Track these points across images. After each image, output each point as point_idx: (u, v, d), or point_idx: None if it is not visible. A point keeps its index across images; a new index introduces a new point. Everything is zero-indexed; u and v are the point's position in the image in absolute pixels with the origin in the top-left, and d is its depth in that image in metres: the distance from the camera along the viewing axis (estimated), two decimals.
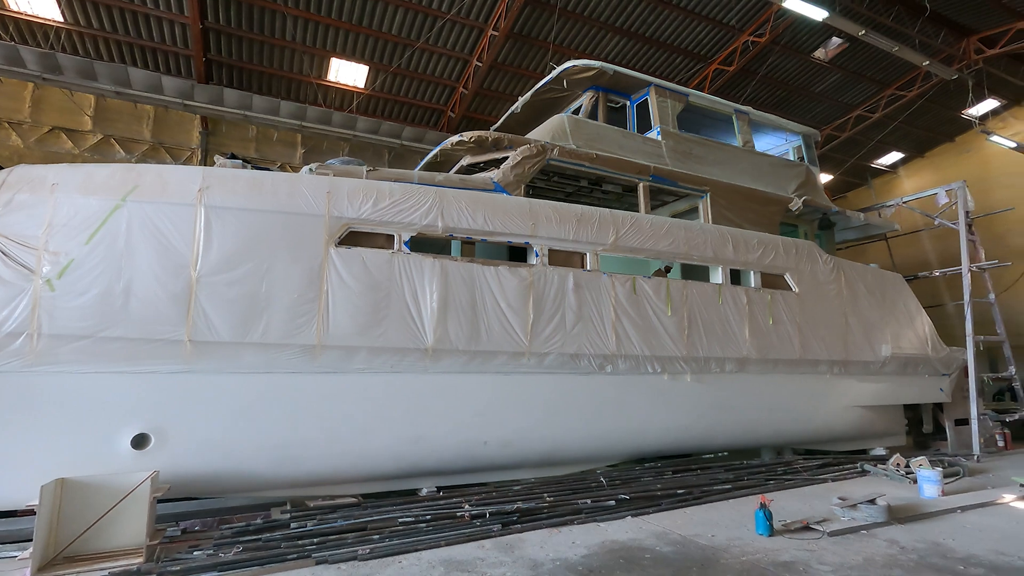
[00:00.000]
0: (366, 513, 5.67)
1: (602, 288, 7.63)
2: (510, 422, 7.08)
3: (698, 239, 8.65)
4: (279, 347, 5.87)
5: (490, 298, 6.87)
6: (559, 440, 7.47)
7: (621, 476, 7.46)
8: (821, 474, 8.70)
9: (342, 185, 6.32)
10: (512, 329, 6.95)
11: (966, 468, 9.12)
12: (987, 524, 6.24)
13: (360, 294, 6.20)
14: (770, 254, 9.34)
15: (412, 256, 6.51)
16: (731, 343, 8.61)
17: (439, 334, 6.52)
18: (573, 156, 8.71)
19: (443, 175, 7.75)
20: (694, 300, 8.37)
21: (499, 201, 7.23)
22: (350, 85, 13.93)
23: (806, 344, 9.37)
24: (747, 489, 7.60)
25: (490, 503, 6.16)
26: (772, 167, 11.20)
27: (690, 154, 10.21)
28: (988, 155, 18.39)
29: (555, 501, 6.41)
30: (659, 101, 10.29)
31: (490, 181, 7.91)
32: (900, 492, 7.77)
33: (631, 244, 7.99)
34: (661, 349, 7.98)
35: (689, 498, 7.06)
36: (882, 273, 10.96)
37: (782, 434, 9.52)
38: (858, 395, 10.15)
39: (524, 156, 8.23)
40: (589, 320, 7.48)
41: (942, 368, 11.39)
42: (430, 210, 6.63)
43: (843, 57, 14.60)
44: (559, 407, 7.39)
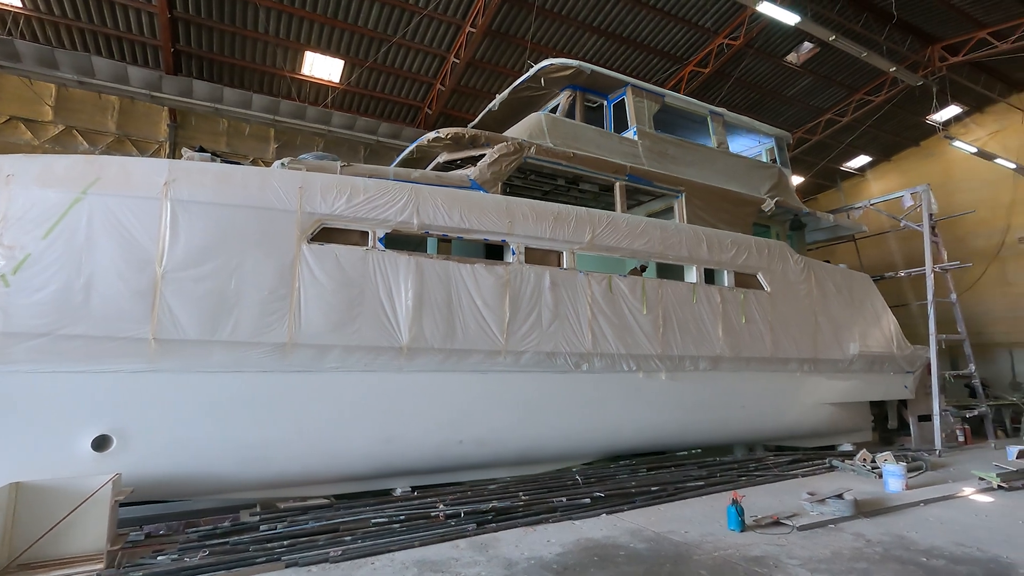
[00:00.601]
0: (338, 514, 5.57)
1: (578, 287, 7.64)
2: (486, 421, 7.04)
3: (673, 239, 8.73)
4: (249, 345, 5.72)
5: (466, 296, 6.82)
6: (535, 438, 7.46)
7: (596, 474, 7.49)
8: (791, 470, 8.87)
9: (315, 180, 6.20)
10: (488, 327, 6.91)
11: (928, 462, 9.40)
12: (948, 517, 6.44)
13: (333, 291, 6.09)
14: (743, 254, 9.48)
15: (387, 253, 6.42)
16: (705, 341, 8.72)
17: (414, 332, 6.45)
18: (550, 155, 8.70)
19: (419, 172, 7.66)
20: (669, 299, 8.45)
21: (475, 199, 7.18)
22: (325, 79, 13.69)
23: (777, 342, 9.55)
24: (720, 485, 7.70)
25: (465, 502, 6.11)
26: (746, 168, 11.37)
27: (666, 154, 10.30)
28: (951, 160, 19.01)
29: (530, 500, 6.40)
30: (636, 101, 10.35)
31: (467, 178, 7.85)
32: (866, 487, 7.97)
33: (607, 243, 8.02)
34: (636, 347, 8.03)
35: (663, 495, 7.13)
36: (850, 273, 11.23)
37: (754, 431, 9.69)
38: (827, 392, 10.39)
39: (501, 154, 8.18)
40: (565, 318, 7.49)
41: (907, 366, 11.73)
42: (405, 207, 6.55)
43: (814, 62, 14.92)
44: (535, 405, 7.38)
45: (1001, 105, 17.65)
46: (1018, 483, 7.92)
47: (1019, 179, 17.28)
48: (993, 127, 18.03)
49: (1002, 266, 17.56)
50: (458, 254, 7.45)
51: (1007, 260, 17.48)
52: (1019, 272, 17.26)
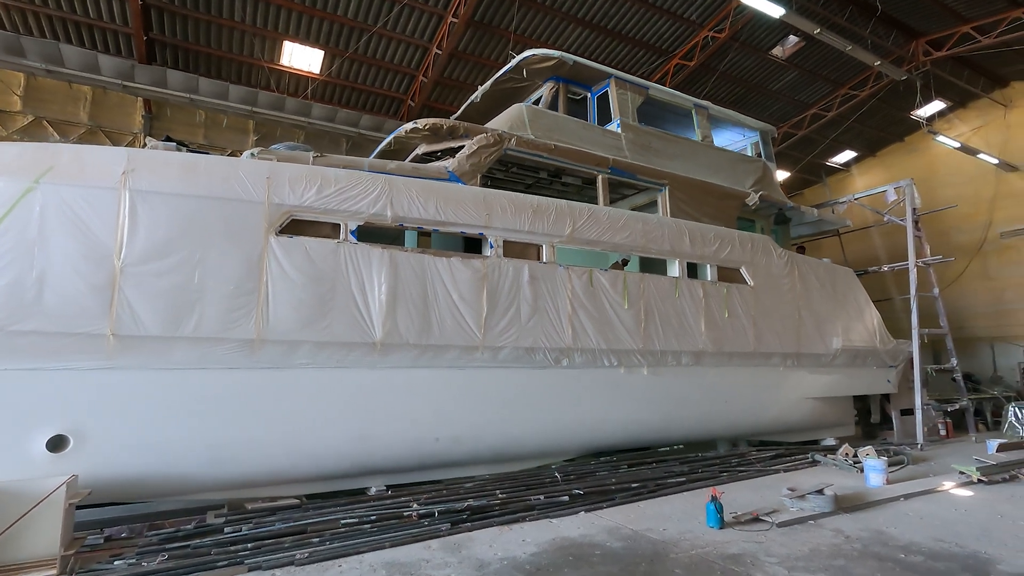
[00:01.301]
0: (307, 515, 5.41)
1: (558, 281, 7.51)
2: (463, 418, 6.89)
3: (655, 232, 8.62)
4: (214, 341, 5.53)
5: (442, 290, 6.65)
6: (514, 435, 7.33)
7: (576, 471, 7.37)
8: (773, 465, 8.82)
9: (283, 170, 5.99)
10: (465, 322, 6.76)
11: (910, 457, 9.41)
12: (928, 511, 6.40)
13: (303, 286, 5.90)
14: (726, 248, 9.40)
15: (359, 246, 6.24)
16: (687, 336, 8.63)
17: (388, 327, 6.28)
18: (531, 146, 8.54)
19: (395, 163, 7.48)
20: (651, 293, 8.34)
21: (452, 190, 7.01)
22: (304, 70, 13.40)
23: (760, 337, 9.49)
24: (701, 481, 7.63)
25: (440, 501, 5.97)
26: (730, 162, 11.29)
27: (649, 147, 10.19)
28: (934, 155, 19.10)
29: (507, 498, 6.27)
30: (619, 93, 10.22)
31: (445, 170, 7.68)
32: (848, 481, 7.94)
33: (588, 236, 7.89)
34: (618, 342, 7.92)
35: (643, 492, 7.03)
36: (834, 267, 11.20)
37: (737, 426, 9.63)
38: (810, 387, 10.36)
39: (481, 145, 8.01)
40: (545, 313, 7.35)
41: (889, 360, 11.74)
42: (379, 198, 6.36)
43: (799, 56, 14.87)
44: (514, 402, 7.25)
45: (984, 101, 17.74)
46: (997, 477, 7.92)
47: (1001, 175, 17.40)
48: (976, 122, 18.12)
49: (984, 261, 17.69)
50: (438, 248, 7.28)
51: (988, 255, 17.62)
52: (1000, 267, 17.40)
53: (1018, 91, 17.24)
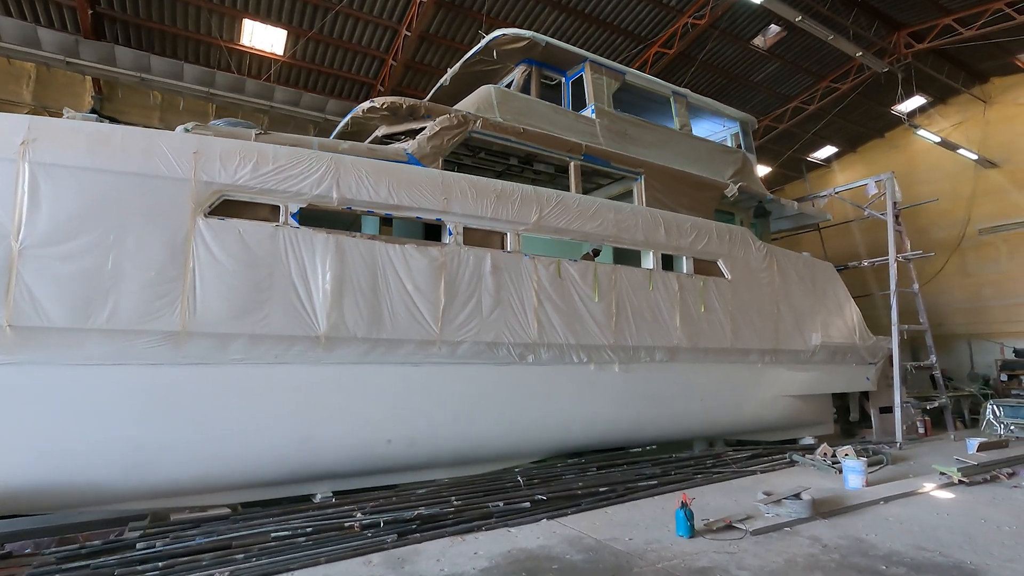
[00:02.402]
0: (234, 527, 4.87)
1: (523, 271, 7.04)
2: (418, 418, 6.39)
3: (629, 221, 8.18)
4: (132, 334, 4.95)
5: (395, 280, 6.14)
6: (475, 436, 6.84)
7: (541, 474, 6.91)
8: (750, 466, 8.46)
9: (213, 145, 5.41)
10: (420, 315, 6.25)
11: (889, 457, 9.12)
12: (908, 516, 6.06)
13: (236, 273, 5.34)
14: (703, 239, 9.01)
15: (301, 230, 5.69)
16: (661, 331, 8.22)
17: (333, 320, 5.75)
18: (498, 130, 8.05)
19: (349, 144, 6.92)
20: (623, 286, 7.91)
21: (406, 172, 6.49)
22: (267, 51, 12.72)
23: (738, 332, 9.12)
24: (674, 484, 7.22)
25: (388, 510, 5.46)
26: (709, 152, 10.92)
27: (625, 134, 9.76)
28: (915, 151, 19.00)
29: (463, 505, 5.79)
30: (594, 78, 9.77)
31: (403, 152, 7.15)
32: (826, 483, 7.60)
33: (556, 224, 7.43)
34: (587, 337, 7.48)
35: (612, 496, 6.60)
36: (813, 261, 10.89)
37: (713, 425, 9.26)
38: (788, 384, 10.03)
39: (443, 127, 7.50)
40: (508, 306, 6.88)
41: (868, 357, 11.48)
42: (323, 178, 5.82)
43: (781, 46, 14.56)
44: (475, 400, 6.77)
45: (964, 97, 17.63)
46: (978, 477, 7.64)
47: (980, 171, 17.32)
48: (956, 118, 18.02)
49: (962, 257, 17.62)
50: (401, 236, 6.73)
51: (967, 251, 17.54)
52: (978, 263, 17.33)
53: (997, 87, 17.16)
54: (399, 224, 7.72)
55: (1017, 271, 16.45)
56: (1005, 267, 16.72)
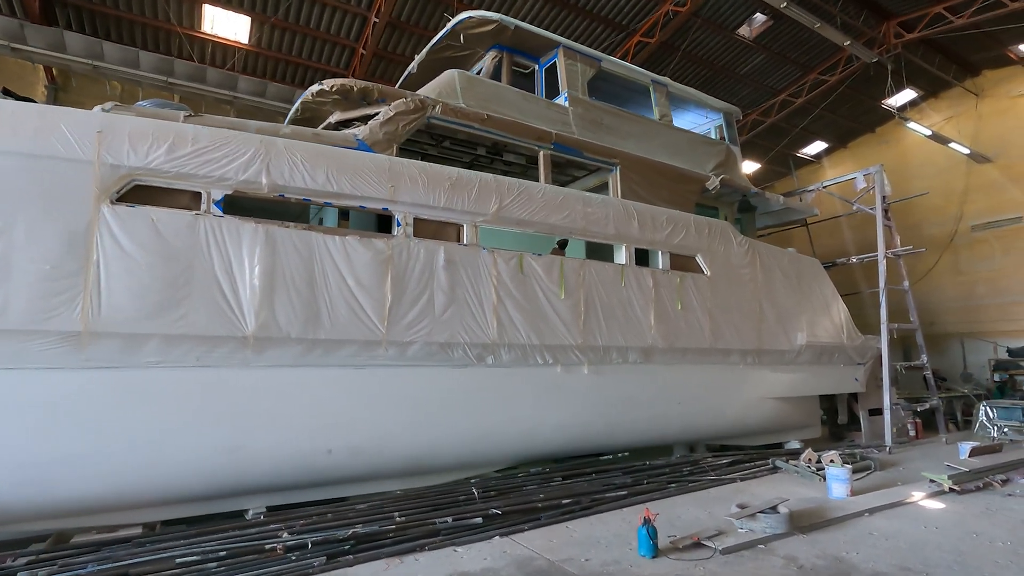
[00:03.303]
0: (136, 552, 4.33)
1: (481, 266, 6.52)
2: (363, 425, 5.86)
3: (599, 213, 7.67)
4: (24, 335, 4.42)
5: (334, 275, 5.61)
6: (429, 445, 6.31)
7: (500, 485, 6.38)
8: (730, 473, 7.97)
9: (121, 124, 4.88)
10: (364, 313, 5.73)
11: (877, 462, 8.65)
12: (895, 530, 5.57)
13: (148, 266, 4.81)
14: (680, 233, 8.51)
15: (225, 220, 5.16)
16: (635, 330, 7.72)
17: (263, 318, 5.22)
18: (459, 116, 7.54)
19: (292, 128, 6.40)
20: (592, 282, 7.40)
21: (349, 157, 5.96)
22: (230, 39, 12.18)
23: (717, 332, 8.63)
24: (646, 494, 6.73)
25: (319, 528, 4.93)
26: (690, 143, 10.44)
27: (600, 123, 9.26)
28: (906, 146, 18.60)
29: (407, 521, 5.26)
30: (568, 64, 9.28)
31: (353, 138, 6.63)
32: (809, 492, 7.13)
33: (518, 215, 6.92)
34: (553, 337, 6.97)
35: (576, 509, 6.09)
36: (799, 257, 10.42)
37: (692, 430, 8.75)
38: (772, 386, 9.54)
39: (398, 112, 6.98)
40: (465, 303, 6.36)
41: (857, 357, 11.01)
42: (251, 162, 5.28)
43: (767, 36, 14.10)
44: (428, 405, 6.24)
45: (955, 90, 17.24)
46: (970, 485, 7.17)
47: (972, 166, 16.92)
48: (948, 112, 17.63)
49: (955, 255, 17.21)
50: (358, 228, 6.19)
51: (959, 249, 17.14)
52: (971, 261, 16.93)
53: (989, 80, 16.76)
54: (357, 217, 7.22)
55: (1011, 268, 16.05)
56: (998, 264, 16.31)
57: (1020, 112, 16.15)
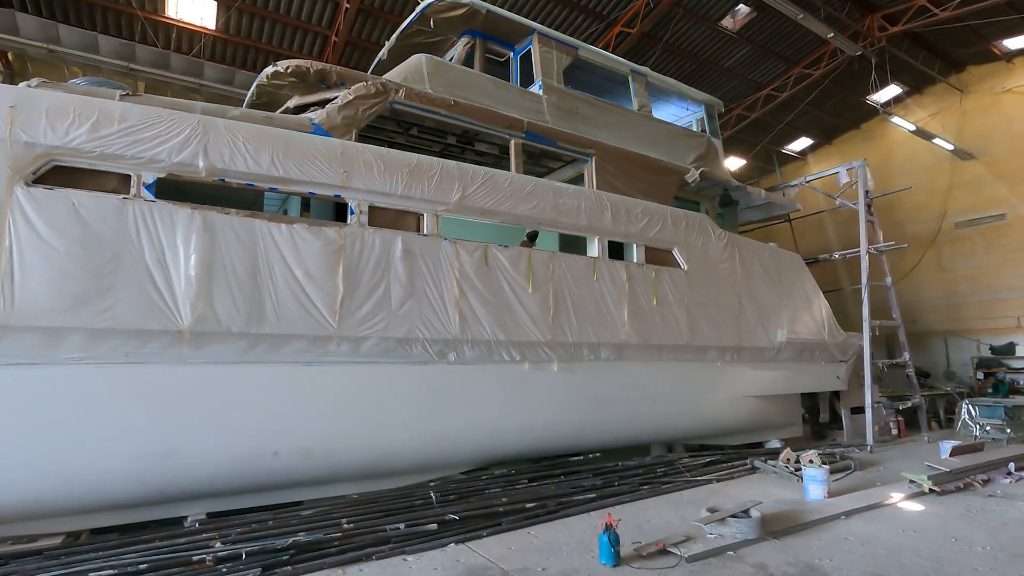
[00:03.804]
0: (46, 566, 3.95)
1: (443, 257, 6.19)
2: (314, 425, 5.50)
3: (569, 204, 7.36)
4: None
5: (280, 265, 5.26)
6: (387, 445, 5.97)
7: (461, 488, 6.05)
8: (706, 474, 7.71)
9: (38, 100, 4.49)
10: (313, 306, 5.38)
11: (857, 462, 8.43)
12: (871, 534, 5.32)
13: (69, 254, 4.43)
14: (656, 226, 8.22)
15: (158, 205, 4.79)
16: (607, 326, 7.42)
17: (200, 311, 4.86)
18: (425, 101, 7.20)
19: (242, 111, 6.03)
20: (563, 275, 7.09)
21: (298, 140, 5.60)
22: (196, 24, 11.73)
23: (694, 328, 8.36)
24: (616, 497, 6.44)
25: (257, 537, 4.58)
26: (669, 135, 10.17)
27: (576, 113, 8.97)
28: (891, 142, 18.48)
29: (355, 528, 4.92)
30: (543, 51, 8.97)
31: (309, 123, 6.27)
32: (786, 493, 6.89)
33: (482, 205, 6.59)
34: (520, 333, 6.66)
35: (540, 513, 5.79)
36: (779, 252, 10.17)
37: (667, 429, 8.48)
38: (751, 384, 9.29)
39: (358, 95, 6.64)
40: (424, 296, 6.02)
41: (839, 355, 10.80)
42: (186, 143, 4.91)
43: (751, 29, 13.86)
44: (384, 404, 5.90)
45: (940, 87, 17.12)
46: (951, 486, 6.95)
47: (956, 163, 16.82)
48: (933, 109, 17.52)
49: (938, 252, 17.11)
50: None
51: (943, 246, 17.04)
52: (954, 258, 16.83)
53: (974, 76, 16.66)
54: (324, 206, 6.86)
55: (993, 265, 15.96)
56: (981, 261, 16.22)
57: (1004, 108, 16.06)
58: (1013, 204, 15.66)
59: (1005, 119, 15.98)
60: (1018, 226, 15.55)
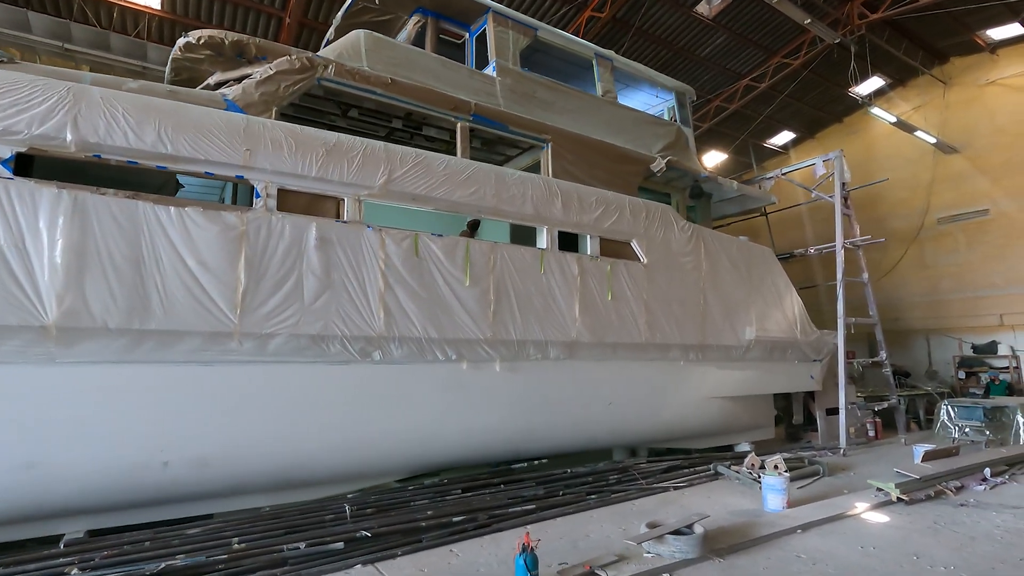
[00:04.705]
0: None
1: (365, 246, 5.63)
2: (211, 432, 4.94)
3: (513, 190, 6.82)
4: None
5: (169, 253, 4.69)
6: (300, 454, 5.42)
7: (380, 501, 5.51)
8: (663, 481, 7.22)
9: None
10: (209, 300, 4.82)
11: (825, 467, 7.96)
12: (826, 551, 4.82)
13: None
14: (612, 215, 7.70)
15: (16, 183, 4.21)
16: (556, 322, 6.90)
17: (69, 305, 4.28)
18: (359, 79, 6.64)
19: (141, 83, 5.45)
20: (506, 268, 6.56)
21: (192, 114, 5.02)
22: (139, 4, 11.08)
23: (654, 325, 7.85)
24: (558, 508, 5.91)
25: (126, 561, 4.03)
26: (635, 122, 9.65)
27: (533, 97, 8.44)
28: (874, 136, 18.07)
29: (246, 549, 4.38)
30: (498, 31, 8.44)
31: (221, 99, 5.70)
32: (744, 503, 6.41)
33: (413, 190, 6.04)
34: (456, 330, 6.12)
35: (469, 527, 5.26)
36: (749, 246, 9.68)
37: (624, 433, 7.98)
38: (717, 385, 8.80)
39: (280, 70, 6.09)
40: (343, 290, 5.47)
41: (812, 353, 10.34)
42: (51, 113, 4.32)
43: (727, 15, 13.35)
44: (296, 408, 5.35)
45: (924, 79, 16.70)
46: (920, 494, 6.48)
47: (939, 157, 16.41)
48: (916, 101, 17.10)
49: (920, 248, 16.71)
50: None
51: (925, 242, 16.63)
52: (937, 254, 16.43)
53: (957, 67, 16.24)
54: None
55: (976, 262, 15.57)
56: (964, 258, 15.83)
57: (988, 101, 15.66)
58: (996, 199, 15.27)
59: (988, 112, 15.58)
60: (1001, 222, 15.16)
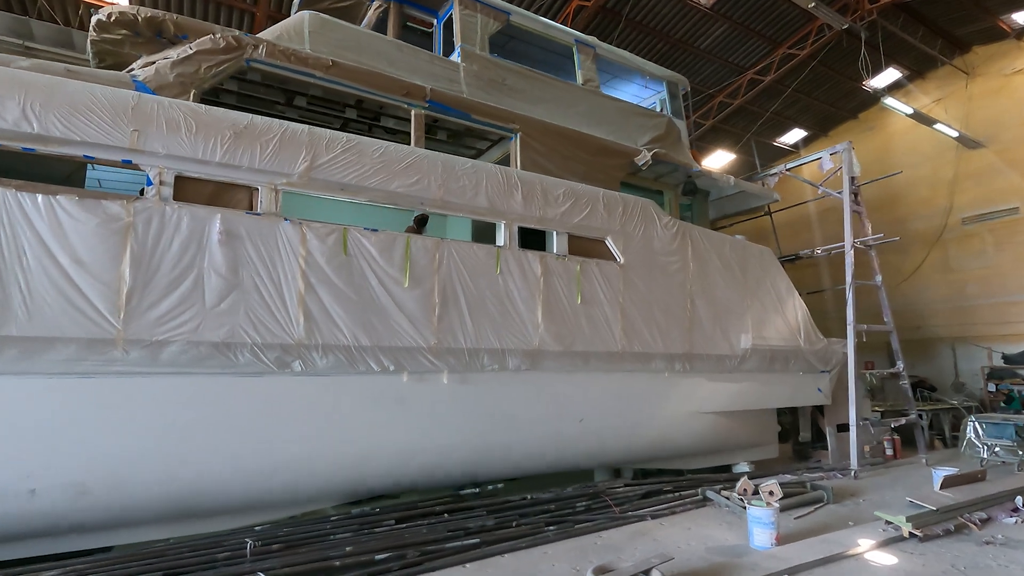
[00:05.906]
0: None
1: (282, 242, 4.96)
2: (90, 455, 4.28)
3: (464, 181, 6.10)
4: None
5: (35, 248, 4.06)
6: (201, 479, 4.73)
7: (291, 535, 4.76)
8: (641, 508, 6.37)
9: None
10: (85, 302, 4.18)
11: (831, 493, 7.01)
12: None
13: None
14: (583, 210, 6.94)
15: None
16: (515, 329, 6.14)
17: None
18: (295, 60, 6.03)
19: (34, 62, 4.90)
20: (454, 267, 5.83)
21: (69, 90, 4.41)
22: (107, 0, 10.73)
23: (632, 332, 7.04)
24: (508, 541, 5.12)
25: None
26: (620, 113, 8.91)
27: (501, 84, 7.78)
28: (891, 133, 17.01)
29: None
30: (464, 14, 7.81)
31: (129, 79, 5.13)
32: (729, 537, 5.57)
33: (341, 179, 5.35)
34: (393, 337, 5.40)
35: (393, 568, 4.50)
36: (744, 245, 8.80)
37: (598, 453, 7.14)
38: (708, 398, 7.92)
39: (200, 50, 5.51)
40: (254, 291, 4.80)
41: (819, 364, 9.38)
42: None
43: (727, 3, 12.54)
44: (197, 427, 4.66)
45: (944, 70, 15.64)
46: (937, 529, 5.53)
47: (962, 152, 15.29)
48: (936, 94, 16.02)
49: (944, 251, 15.54)
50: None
51: (949, 244, 15.46)
52: (961, 257, 15.23)
53: (980, 56, 15.15)
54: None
55: (1006, 265, 14.35)
56: (992, 260, 14.62)
57: (1015, 91, 14.53)
58: None
59: (1016, 103, 14.43)
60: None
